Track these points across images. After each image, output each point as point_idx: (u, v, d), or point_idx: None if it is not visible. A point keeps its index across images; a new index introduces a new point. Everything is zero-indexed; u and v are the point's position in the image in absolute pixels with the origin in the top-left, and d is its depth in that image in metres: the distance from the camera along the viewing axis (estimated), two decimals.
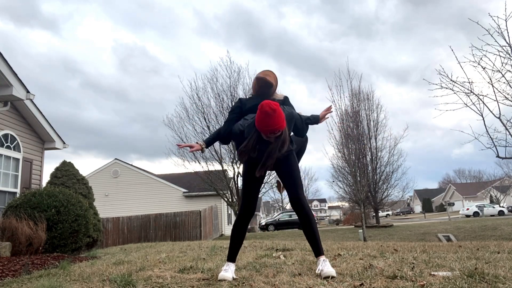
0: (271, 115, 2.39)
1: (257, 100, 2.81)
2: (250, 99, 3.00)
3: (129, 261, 4.25)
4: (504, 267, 2.54)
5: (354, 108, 22.07)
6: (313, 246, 2.75)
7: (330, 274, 2.46)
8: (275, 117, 2.40)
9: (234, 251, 2.83)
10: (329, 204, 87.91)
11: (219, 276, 2.61)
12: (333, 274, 2.46)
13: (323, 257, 2.68)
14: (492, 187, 51.82)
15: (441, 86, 7.67)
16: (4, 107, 8.22)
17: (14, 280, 3.61)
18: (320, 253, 2.70)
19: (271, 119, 2.40)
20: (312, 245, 2.76)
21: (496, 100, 7.32)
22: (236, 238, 2.84)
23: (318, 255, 2.70)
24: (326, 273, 2.47)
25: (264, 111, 2.40)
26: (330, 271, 2.49)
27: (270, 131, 2.45)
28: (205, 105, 18.79)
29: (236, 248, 2.84)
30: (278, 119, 2.42)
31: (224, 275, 2.59)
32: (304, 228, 2.75)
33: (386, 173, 24.82)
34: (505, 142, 7.47)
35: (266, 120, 2.41)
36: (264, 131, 2.47)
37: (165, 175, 26.03)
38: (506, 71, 7.19)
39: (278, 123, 2.43)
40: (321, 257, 2.68)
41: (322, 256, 2.69)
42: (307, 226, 2.73)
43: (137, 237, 16.67)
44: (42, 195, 6.67)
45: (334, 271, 2.51)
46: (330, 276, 2.44)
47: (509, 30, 7.07)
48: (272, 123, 2.42)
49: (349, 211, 42.72)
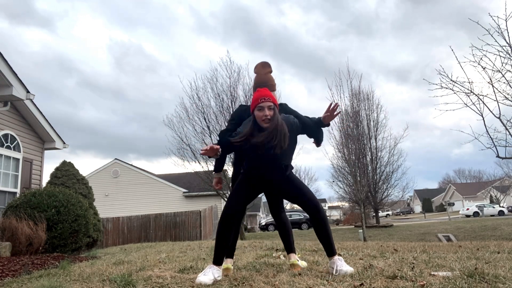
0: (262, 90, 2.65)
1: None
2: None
3: (129, 261, 4.26)
4: (504, 267, 2.54)
5: (354, 108, 22.10)
6: (326, 245, 2.70)
7: (349, 271, 2.52)
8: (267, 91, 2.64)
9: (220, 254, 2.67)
10: (329, 204, 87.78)
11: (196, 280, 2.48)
12: (351, 271, 2.53)
13: (336, 256, 2.66)
14: (492, 187, 51.81)
15: (441, 86, 7.67)
16: (4, 107, 8.22)
17: (14, 280, 3.61)
18: (334, 252, 2.68)
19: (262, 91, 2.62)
20: (324, 245, 2.72)
21: (496, 100, 7.33)
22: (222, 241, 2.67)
23: (332, 254, 2.67)
24: (345, 271, 2.51)
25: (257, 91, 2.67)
26: (349, 269, 2.56)
27: (261, 96, 2.60)
28: (205, 105, 18.78)
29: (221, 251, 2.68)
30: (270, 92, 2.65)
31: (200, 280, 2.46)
32: (319, 229, 2.70)
33: (386, 173, 24.86)
34: (505, 142, 7.48)
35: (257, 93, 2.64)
36: (256, 98, 2.60)
37: (165, 175, 26.02)
38: (506, 71, 7.20)
39: (269, 94, 2.63)
40: (334, 256, 2.65)
41: (336, 255, 2.66)
42: (323, 227, 2.69)
43: (137, 237, 16.66)
44: (42, 195, 6.66)
45: (352, 268, 2.58)
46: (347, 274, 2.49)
47: (509, 30, 7.08)
48: (262, 93, 2.62)
49: (349, 211, 42.72)
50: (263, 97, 2.58)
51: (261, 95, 2.60)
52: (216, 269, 2.59)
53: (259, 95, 2.61)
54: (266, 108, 2.56)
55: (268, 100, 2.57)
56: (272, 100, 2.59)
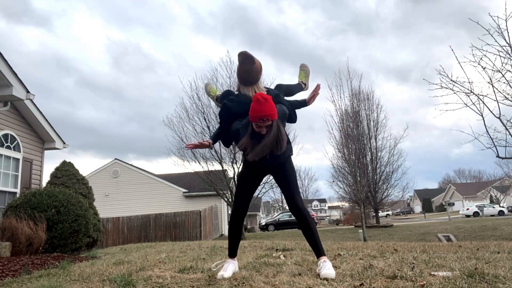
0: (262, 102, 2.50)
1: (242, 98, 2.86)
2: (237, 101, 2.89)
3: (129, 261, 4.25)
4: (504, 267, 2.54)
5: (354, 108, 22.10)
6: (313, 247, 2.78)
7: (328, 276, 2.46)
8: (266, 105, 2.51)
9: (234, 247, 2.95)
10: (329, 204, 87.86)
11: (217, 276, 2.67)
12: (331, 276, 2.45)
13: (323, 258, 2.68)
14: (492, 187, 51.79)
15: (441, 86, 7.68)
16: (4, 107, 8.22)
17: (14, 280, 3.61)
18: (321, 253, 2.72)
19: (262, 106, 2.51)
20: (312, 246, 2.79)
21: (496, 100, 7.33)
22: (234, 235, 2.95)
23: (319, 256, 2.72)
24: (324, 275, 2.47)
25: (256, 99, 2.52)
26: (329, 273, 2.48)
27: (259, 116, 2.52)
28: (205, 105, 18.77)
29: (236, 244, 2.95)
30: (269, 108, 2.52)
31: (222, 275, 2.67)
32: (303, 230, 2.80)
33: (386, 173, 24.84)
34: (505, 142, 7.48)
35: (256, 107, 2.52)
36: (255, 117, 2.54)
37: (165, 175, 26.02)
38: (506, 71, 7.20)
39: (268, 111, 2.52)
40: (321, 258, 2.68)
41: (323, 257, 2.69)
42: (306, 228, 2.77)
43: (137, 237, 16.67)
44: (42, 195, 6.66)
45: (333, 272, 2.50)
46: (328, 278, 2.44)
47: (509, 30, 7.08)
48: (262, 109, 2.51)
49: (349, 211, 42.69)
50: (261, 118, 2.52)
51: (260, 115, 2.51)
52: (232, 263, 2.86)
53: (258, 115, 2.52)
54: (263, 127, 2.57)
55: (266, 121, 2.54)
56: (270, 118, 2.54)
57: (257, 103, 2.51)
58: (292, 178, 2.86)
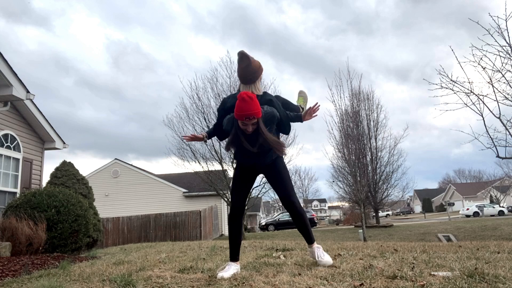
0: (247, 101, 2.53)
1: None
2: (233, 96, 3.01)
3: (129, 261, 4.26)
4: (504, 267, 2.54)
5: (354, 108, 22.09)
6: (305, 235, 2.98)
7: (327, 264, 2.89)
8: (251, 104, 2.54)
9: (234, 249, 2.94)
10: (329, 204, 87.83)
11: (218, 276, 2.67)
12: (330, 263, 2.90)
13: (315, 244, 2.95)
14: (492, 187, 51.79)
15: (441, 86, 7.68)
16: (4, 107, 8.22)
17: (14, 280, 3.61)
18: (312, 240, 2.96)
19: (246, 105, 2.53)
20: (304, 235, 2.99)
21: (496, 100, 7.33)
22: (234, 236, 2.96)
23: (311, 242, 2.96)
24: (326, 263, 2.89)
25: (241, 98, 2.55)
26: (328, 260, 2.93)
27: (245, 115, 2.55)
28: (205, 105, 18.78)
29: (236, 245, 2.94)
30: (253, 106, 2.55)
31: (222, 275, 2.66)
32: (297, 225, 2.98)
33: (386, 173, 24.83)
34: (505, 142, 7.48)
35: (241, 105, 2.55)
36: (240, 116, 2.57)
37: (165, 175, 26.02)
38: (506, 71, 7.21)
39: (253, 109, 2.55)
40: (313, 244, 2.94)
41: (314, 243, 2.95)
42: (300, 223, 2.95)
43: (137, 237, 16.66)
44: (42, 195, 6.66)
45: (330, 259, 2.97)
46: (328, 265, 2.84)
47: (509, 30, 7.08)
48: (247, 108, 2.54)
49: (349, 211, 42.66)
50: (247, 116, 2.55)
51: (245, 113, 2.55)
52: (234, 265, 2.86)
53: (244, 113, 2.55)
54: (249, 124, 2.62)
55: (252, 119, 2.58)
56: (256, 116, 2.58)
57: (242, 102, 2.54)
58: (284, 176, 2.92)
